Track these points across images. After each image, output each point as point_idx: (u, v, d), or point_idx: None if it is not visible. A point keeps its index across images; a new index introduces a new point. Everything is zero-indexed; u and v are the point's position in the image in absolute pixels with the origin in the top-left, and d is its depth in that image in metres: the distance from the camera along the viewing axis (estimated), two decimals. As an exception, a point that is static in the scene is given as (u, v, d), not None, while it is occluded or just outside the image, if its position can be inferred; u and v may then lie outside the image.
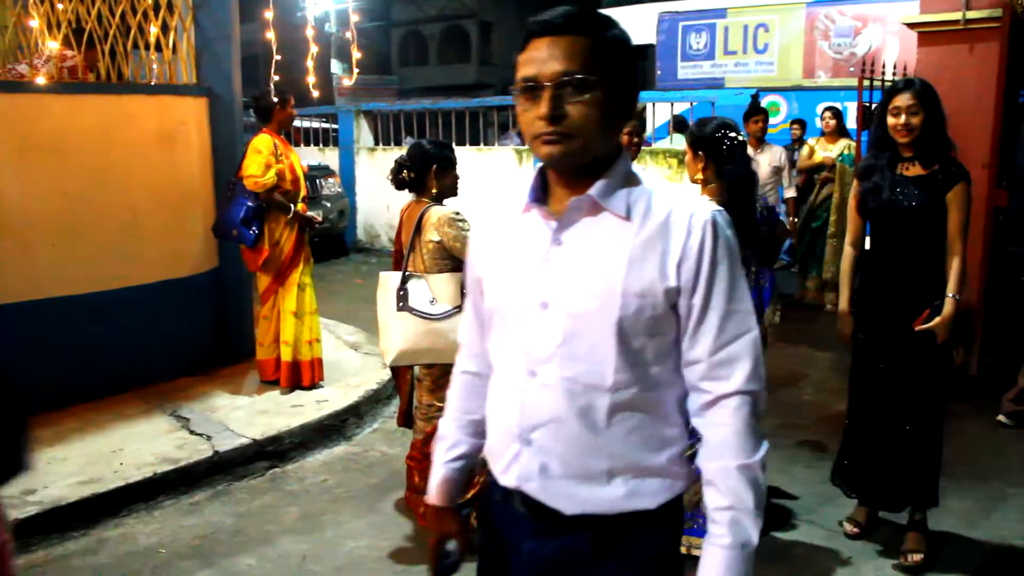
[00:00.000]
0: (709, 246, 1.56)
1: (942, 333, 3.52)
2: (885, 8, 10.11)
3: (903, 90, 3.55)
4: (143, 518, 4.19)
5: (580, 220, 1.61)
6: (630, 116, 1.65)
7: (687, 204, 1.60)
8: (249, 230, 5.45)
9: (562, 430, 1.62)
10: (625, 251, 1.57)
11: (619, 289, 1.56)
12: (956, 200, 3.50)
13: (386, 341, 3.87)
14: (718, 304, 1.58)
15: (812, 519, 4.14)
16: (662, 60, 12.15)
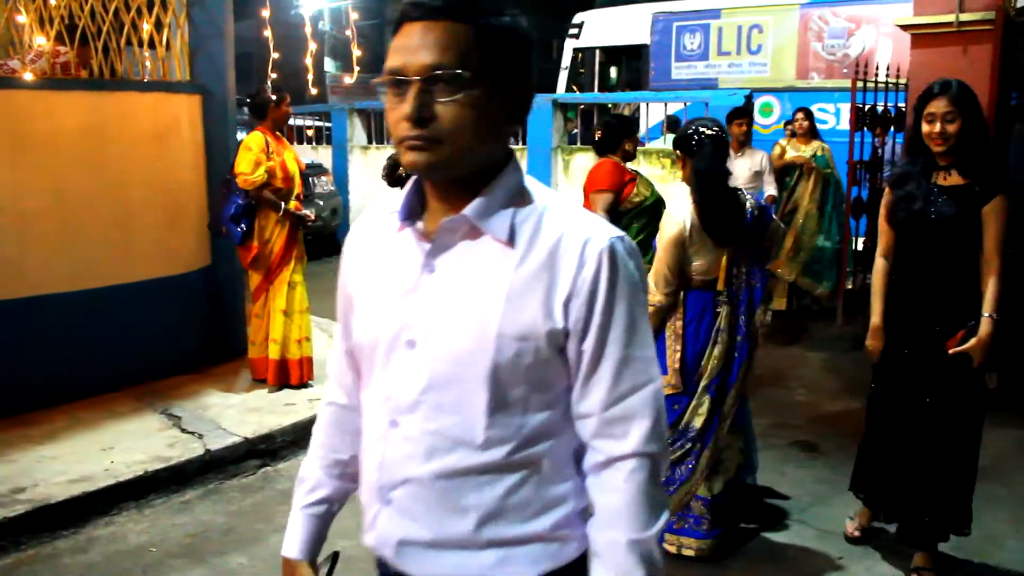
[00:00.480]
0: (605, 280, 1.31)
1: (978, 356, 3.27)
2: (879, 10, 10.12)
3: (938, 95, 3.29)
4: (134, 516, 4.18)
5: (456, 244, 1.36)
6: (521, 120, 1.41)
7: (582, 229, 1.34)
8: (237, 227, 5.44)
9: (423, 492, 1.38)
10: (504, 283, 1.32)
11: (494, 329, 1.31)
12: (993, 214, 3.25)
13: None
14: (614, 350, 1.34)
15: (803, 519, 4.14)
16: (656, 60, 12.14)
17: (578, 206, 1.43)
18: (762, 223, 3.68)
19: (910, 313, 3.45)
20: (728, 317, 3.61)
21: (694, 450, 3.65)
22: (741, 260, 3.64)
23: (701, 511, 3.68)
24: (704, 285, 3.62)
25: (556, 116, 10.00)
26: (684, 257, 3.58)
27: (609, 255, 1.32)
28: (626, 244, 1.36)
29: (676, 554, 3.73)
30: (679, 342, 3.63)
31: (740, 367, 3.64)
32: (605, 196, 4.84)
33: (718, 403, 3.63)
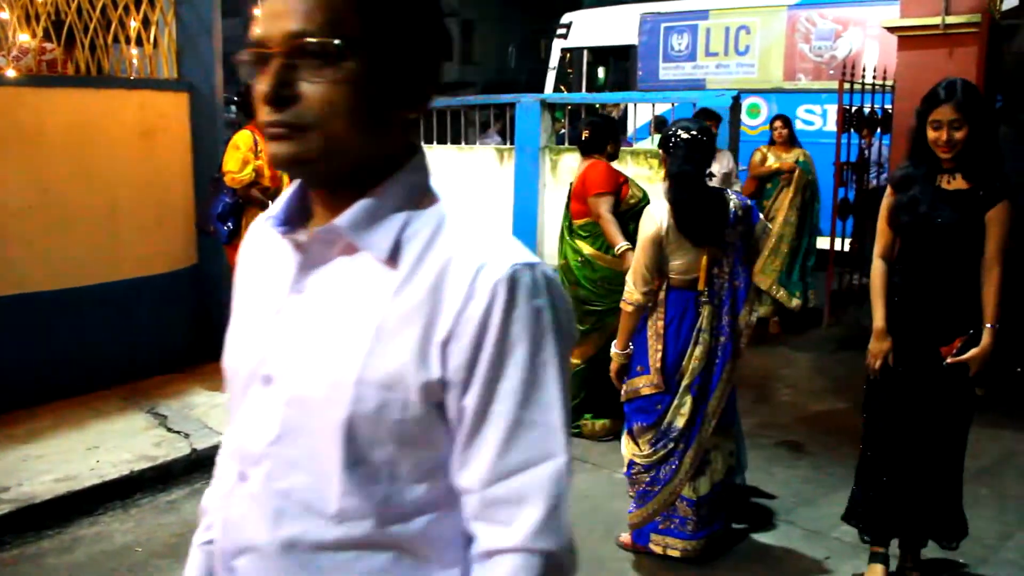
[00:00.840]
0: (497, 319, 1.00)
1: (976, 366, 3.21)
2: (866, 12, 10.16)
3: (944, 101, 3.16)
4: (119, 516, 4.16)
5: (332, 260, 1.09)
6: (421, 103, 1.12)
7: (479, 250, 1.04)
8: (224, 226, 5.43)
9: (267, 565, 1.09)
10: (376, 315, 1.03)
11: (353, 373, 1.02)
12: (996, 220, 3.17)
13: None
14: (503, 410, 1.02)
15: (791, 519, 4.16)
16: (644, 61, 12.16)
17: (490, 219, 1.12)
18: (747, 223, 3.68)
19: (911, 319, 3.35)
20: (710, 317, 3.61)
21: (677, 450, 3.65)
22: (723, 260, 3.64)
23: (686, 512, 3.69)
24: (685, 285, 3.63)
25: (544, 116, 9.99)
26: (662, 256, 3.59)
27: (507, 287, 1.00)
28: (537, 274, 1.03)
29: (662, 555, 3.74)
30: (660, 341, 3.64)
31: (724, 368, 3.64)
32: (608, 199, 4.86)
33: (700, 403, 3.63)
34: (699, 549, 3.70)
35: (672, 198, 3.58)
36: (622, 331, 3.73)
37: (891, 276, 3.43)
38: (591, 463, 4.83)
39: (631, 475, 3.81)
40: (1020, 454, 4.96)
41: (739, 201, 3.68)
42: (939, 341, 3.28)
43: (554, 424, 1.06)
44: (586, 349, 5.01)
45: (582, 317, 5.03)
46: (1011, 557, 3.84)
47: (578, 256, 5.02)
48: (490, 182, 10.57)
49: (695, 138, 3.60)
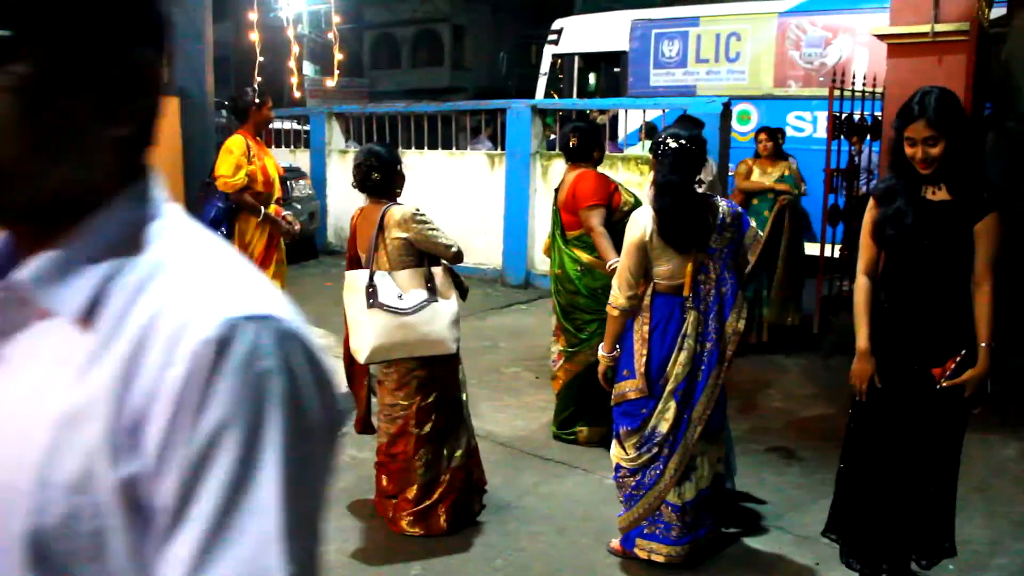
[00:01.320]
0: (197, 392, 0.74)
1: (972, 387, 3.09)
2: (855, 19, 10.22)
3: (917, 118, 3.08)
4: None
5: (29, 323, 0.83)
6: (134, 113, 0.88)
7: (190, 302, 0.79)
8: (217, 231, 5.41)
9: None
10: (63, 397, 0.79)
11: (35, 474, 0.77)
12: (985, 232, 3.06)
13: (357, 340, 3.94)
14: (201, 515, 0.74)
15: (781, 525, 4.17)
16: (634, 67, 12.19)
17: (224, 259, 0.91)
18: (737, 230, 3.67)
19: (898, 338, 3.23)
20: (695, 323, 3.61)
21: (662, 455, 3.66)
22: (709, 266, 3.64)
23: (671, 518, 3.69)
24: (670, 290, 3.63)
25: (535, 122, 10.02)
26: (646, 261, 3.61)
27: (215, 349, 0.75)
28: (263, 331, 0.78)
29: (647, 560, 3.74)
30: (645, 346, 3.65)
31: (710, 374, 3.64)
32: (599, 211, 4.83)
33: (684, 409, 3.63)
34: (683, 555, 3.71)
35: (656, 206, 3.60)
36: (608, 334, 3.77)
37: (876, 293, 3.32)
38: (582, 468, 4.84)
39: (618, 479, 3.82)
40: (1009, 459, 4.98)
41: (728, 208, 3.69)
42: (929, 362, 3.16)
43: (269, 534, 0.75)
44: (585, 356, 5.00)
45: (582, 325, 5.03)
46: (1002, 563, 3.85)
47: (577, 265, 4.99)
48: (481, 188, 10.59)
49: (683, 147, 3.60)
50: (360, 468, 4.79)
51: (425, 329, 3.88)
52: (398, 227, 3.88)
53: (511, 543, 3.99)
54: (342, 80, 30.61)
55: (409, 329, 3.86)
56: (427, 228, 3.90)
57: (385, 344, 3.87)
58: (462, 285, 4.18)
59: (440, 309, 3.92)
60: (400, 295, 3.88)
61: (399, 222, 3.88)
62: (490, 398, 6.05)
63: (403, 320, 3.85)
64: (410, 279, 3.92)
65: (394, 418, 4.05)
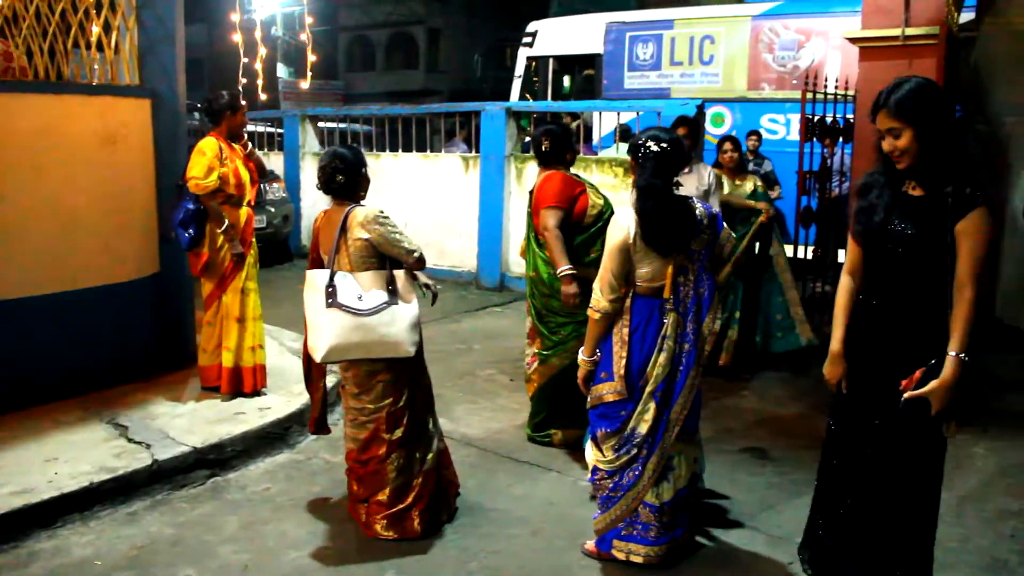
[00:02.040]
0: None
1: (939, 402, 2.80)
2: (828, 23, 10.31)
3: (881, 107, 2.89)
4: (78, 529, 4.08)
5: None
6: None
7: None
8: (186, 232, 5.37)
9: None
10: None
11: None
12: (967, 232, 2.77)
13: (315, 338, 3.95)
14: None
15: (754, 525, 4.18)
16: (609, 70, 12.23)
17: None
18: (712, 232, 3.70)
19: (867, 343, 3.05)
20: (674, 325, 3.63)
21: (640, 456, 3.66)
22: (688, 268, 3.66)
23: (649, 518, 3.69)
24: (651, 292, 3.64)
25: (509, 124, 10.02)
26: (629, 264, 3.61)
27: None
28: None
29: (626, 561, 3.74)
30: (625, 348, 3.65)
31: (688, 375, 3.66)
32: (556, 212, 4.81)
33: (663, 409, 3.64)
34: (662, 555, 3.71)
35: (639, 209, 3.60)
36: (589, 338, 3.75)
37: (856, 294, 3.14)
38: (556, 470, 4.83)
39: (595, 481, 3.82)
40: (978, 456, 5.03)
41: (704, 210, 3.70)
42: (898, 371, 2.92)
43: None
44: (560, 359, 4.99)
45: (556, 328, 5.01)
46: (971, 560, 3.88)
47: (550, 268, 4.97)
48: (456, 190, 10.57)
49: (664, 150, 3.61)
50: (332, 472, 4.77)
51: (383, 331, 3.87)
52: (361, 228, 3.87)
53: (486, 545, 3.98)
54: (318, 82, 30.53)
55: (367, 330, 3.86)
56: (389, 231, 3.90)
57: (342, 344, 3.87)
58: (431, 289, 4.17)
59: (400, 312, 3.91)
60: (360, 296, 3.88)
61: (362, 223, 3.88)
62: (465, 400, 6.04)
63: (361, 321, 3.85)
64: (371, 281, 3.91)
65: (363, 423, 4.03)
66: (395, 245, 3.90)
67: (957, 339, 2.78)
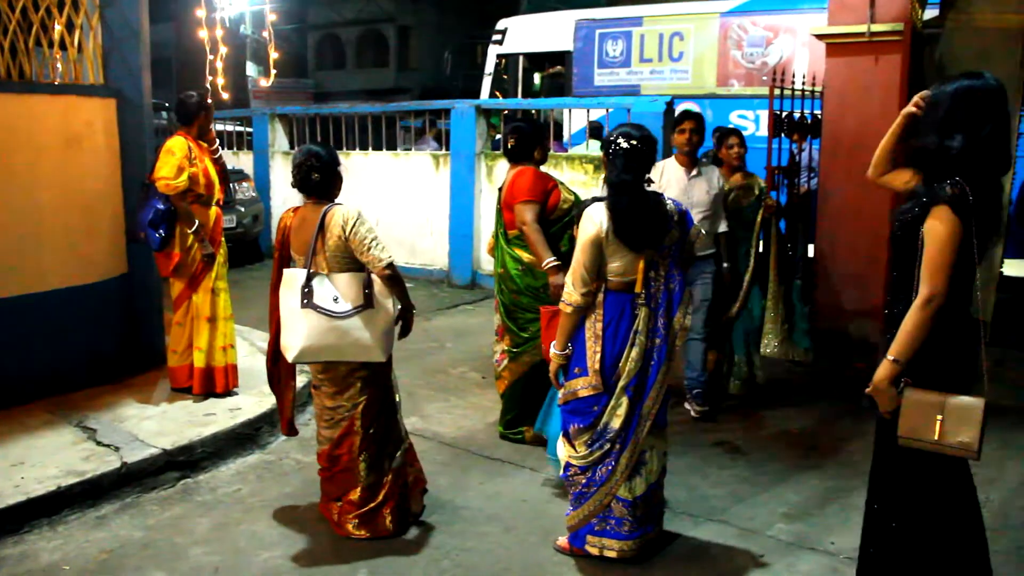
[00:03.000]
0: None
1: (882, 403, 2.82)
2: (796, 19, 10.38)
3: None
4: (46, 534, 4.03)
5: None
6: None
7: None
8: (156, 232, 5.31)
9: None
10: None
11: None
12: (926, 230, 2.73)
13: (288, 337, 3.93)
14: None
15: (725, 519, 4.21)
16: (579, 67, 12.25)
17: None
18: (682, 228, 3.71)
19: None
20: (646, 319, 3.65)
21: (613, 451, 3.68)
22: (659, 264, 3.67)
23: (622, 513, 3.71)
24: (622, 287, 3.66)
25: (479, 121, 10.01)
26: (601, 258, 3.63)
27: None
28: None
29: (599, 557, 3.75)
30: (599, 343, 3.67)
31: (659, 369, 3.68)
32: (534, 207, 4.84)
33: (636, 404, 3.66)
34: (635, 549, 3.73)
35: (610, 205, 3.61)
36: (561, 332, 3.75)
37: None
38: (528, 467, 4.84)
39: (567, 477, 3.83)
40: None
41: (674, 206, 3.72)
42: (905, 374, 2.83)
43: None
44: (529, 357, 5.00)
45: (525, 324, 5.02)
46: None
47: (518, 264, 4.98)
48: (426, 188, 10.55)
49: (634, 147, 3.62)
50: (304, 472, 4.75)
51: (357, 335, 3.84)
52: (338, 228, 3.83)
53: (458, 543, 3.98)
54: (287, 81, 30.34)
55: (340, 333, 3.83)
56: (364, 235, 3.82)
57: (315, 346, 3.86)
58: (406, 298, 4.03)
59: (374, 316, 3.88)
60: (336, 298, 3.84)
61: (341, 223, 3.83)
62: (436, 399, 6.03)
63: (335, 324, 3.83)
64: (348, 283, 3.86)
65: (337, 421, 4.01)
66: (369, 250, 3.82)
67: (895, 343, 2.75)
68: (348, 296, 3.85)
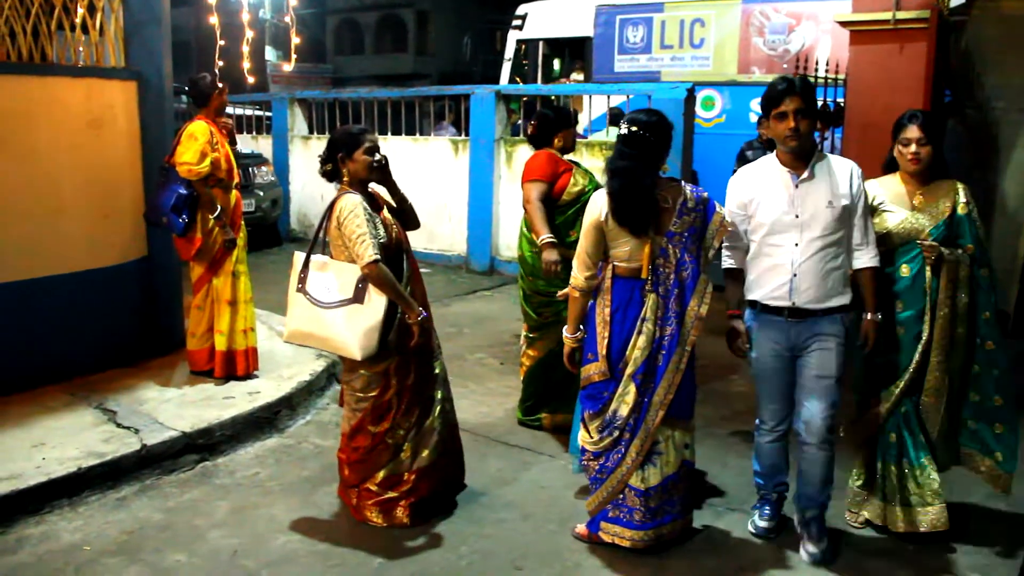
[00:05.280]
0: None
1: None
2: (818, 6, 10.26)
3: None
4: (66, 515, 4.06)
5: None
6: None
7: None
8: (179, 218, 5.33)
9: None
10: None
11: None
12: None
13: (287, 318, 3.99)
14: None
15: (745, 509, 4.18)
16: (599, 53, 12.17)
17: None
18: (702, 215, 3.65)
19: None
20: (654, 307, 3.60)
21: (623, 438, 3.65)
22: (668, 250, 3.62)
23: (634, 502, 3.68)
24: (630, 273, 3.63)
25: (499, 107, 9.97)
26: (603, 242, 3.63)
27: None
28: None
29: (616, 545, 3.74)
30: (607, 329, 3.65)
31: (671, 358, 3.62)
32: (538, 185, 4.86)
33: (645, 393, 3.62)
34: (648, 540, 3.70)
35: (608, 189, 3.62)
36: (571, 316, 3.78)
37: None
38: (547, 454, 4.83)
39: (582, 461, 3.83)
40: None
41: (692, 192, 3.66)
42: None
43: None
44: (547, 342, 4.99)
45: (540, 309, 5.01)
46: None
47: (533, 247, 4.98)
48: (445, 174, 10.53)
49: (633, 133, 3.62)
50: (322, 456, 4.76)
51: (337, 328, 3.78)
52: (336, 218, 3.80)
53: (476, 530, 3.98)
54: (306, 66, 30.32)
55: (321, 324, 3.81)
56: (354, 229, 3.72)
57: (301, 330, 3.90)
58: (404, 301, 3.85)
59: (360, 312, 3.77)
60: (328, 287, 3.82)
61: (339, 213, 3.79)
62: (454, 384, 5.95)
63: (318, 313, 3.82)
64: (343, 274, 3.80)
65: (354, 410, 4.00)
66: (352, 243, 3.73)
67: None
68: (340, 287, 3.80)
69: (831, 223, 3.56)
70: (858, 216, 3.62)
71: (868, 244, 3.66)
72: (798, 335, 3.65)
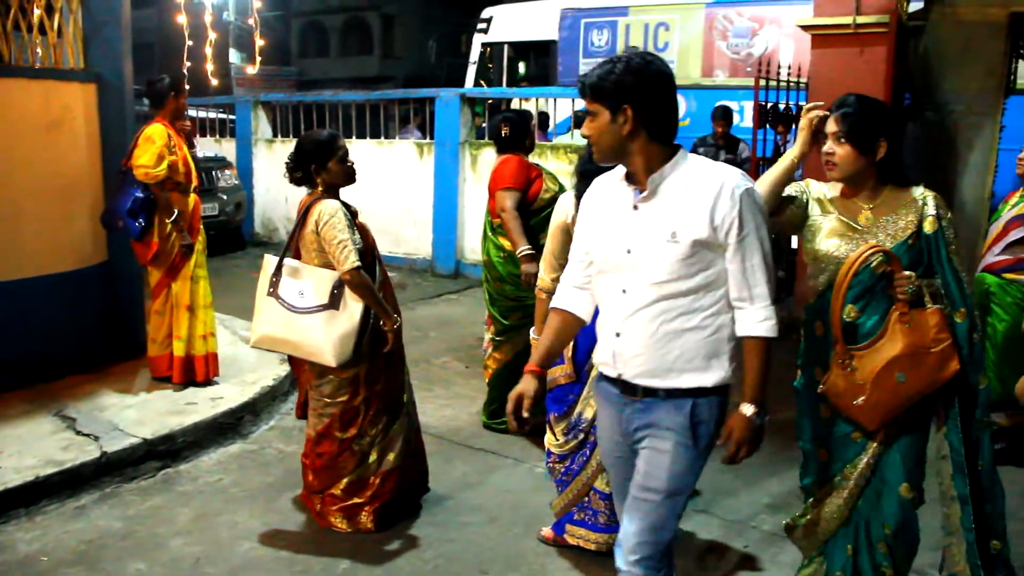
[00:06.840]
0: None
1: None
2: (781, 10, 10.38)
3: None
4: (23, 525, 3.99)
5: None
6: None
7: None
8: (135, 221, 5.25)
9: None
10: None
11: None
12: None
13: (254, 322, 3.92)
14: None
15: (709, 510, 4.21)
16: (564, 57, 12.21)
17: None
18: None
19: None
20: None
21: (588, 441, 3.66)
22: None
23: (599, 505, 3.69)
24: None
25: (464, 110, 9.97)
26: (569, 244, 3.63)
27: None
28: None
29: (582, 549, 3.74)
30: None
31: None
32: (513, 194, 4.85)
33: None
34: (612, 544, 3.70)
35: (576, 192, 3.64)
36: (538, 318, 3.81)
37: None
38: (512, 458, 4.82)
39: (548, 463, 3.82)
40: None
41: None
42: None
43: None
44: (512, 345, 4.99)
45: (507, 313, 5.01)
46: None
47: (501, 252, 4.99)
48: (410, 177, 10.50)
49: None
50: (286, 462, 4.72)
51: (311, 333, 3.74)
52: (314, 223, 3.75)
53: (442, 534, 3.96)
54: (271, 68, 30.11)
55: (295, 329, 3.76)
56: (335, 235, 3.69)
57: (271, 335, 3.84)
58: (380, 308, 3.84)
59: (336, 318, 3.73)
60: (301, 292, 3.77)
61: (316, 218, 3.75)
62: (420, 388, 5.97)
63: (292, 318, 3.76)
64: (318, 279, 3.77)
65: (321, 415, 3.96)
66: (333, 248, 3.70)
67: None
68: (314, 292, 3.76)
69: (672, 265, 2.41)
70: (731, 257, 2.43)
71: (753, 300, 2.50)
72: (629, 420, 2.62)
